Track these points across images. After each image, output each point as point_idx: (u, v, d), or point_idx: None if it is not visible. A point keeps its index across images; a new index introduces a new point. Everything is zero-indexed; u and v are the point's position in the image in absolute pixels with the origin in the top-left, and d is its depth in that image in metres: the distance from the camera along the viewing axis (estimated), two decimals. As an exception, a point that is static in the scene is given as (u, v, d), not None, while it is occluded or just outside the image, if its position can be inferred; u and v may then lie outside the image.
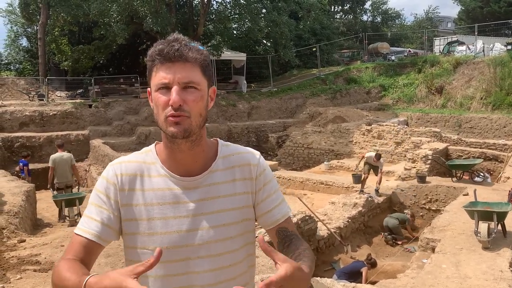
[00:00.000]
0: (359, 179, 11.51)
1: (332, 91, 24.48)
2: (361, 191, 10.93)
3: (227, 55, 24.96)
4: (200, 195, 1.35)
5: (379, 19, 45.34)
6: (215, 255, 1.33)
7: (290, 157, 17.32)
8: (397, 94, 24.26)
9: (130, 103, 20.32)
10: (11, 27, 35.65)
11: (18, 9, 29.13)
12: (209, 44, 23.68)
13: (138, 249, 1.33)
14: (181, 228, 1.32)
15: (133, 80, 23.24)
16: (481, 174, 12.15)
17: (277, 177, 13.09)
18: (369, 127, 16.73)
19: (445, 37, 31.05)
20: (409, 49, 34.43)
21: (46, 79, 21.25)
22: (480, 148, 14.83)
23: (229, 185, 1.39)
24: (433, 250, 7.29)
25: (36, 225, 8.15)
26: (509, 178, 11.30)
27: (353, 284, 5.50)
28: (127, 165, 1.37)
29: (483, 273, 5.92)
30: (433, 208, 10.90)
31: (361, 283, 6.88)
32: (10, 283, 4.54)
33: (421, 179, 11.40)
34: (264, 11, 23.92)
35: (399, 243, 9.87)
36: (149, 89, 1.37)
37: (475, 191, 8.24)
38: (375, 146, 15.92)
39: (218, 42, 23.48)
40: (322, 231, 8.82)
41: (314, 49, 28.07)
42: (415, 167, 12.60)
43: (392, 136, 15.90)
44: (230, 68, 27.73)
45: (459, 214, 8.32)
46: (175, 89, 1.25)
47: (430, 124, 20.07)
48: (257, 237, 1.19)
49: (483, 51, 23.90)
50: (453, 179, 11.69)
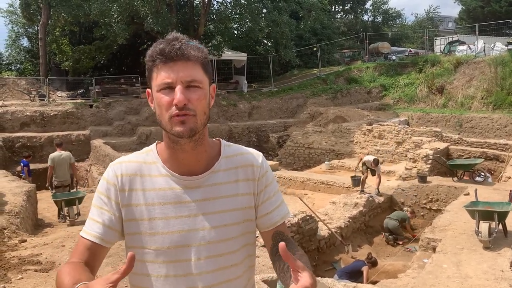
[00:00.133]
0: (358, 182, 11.49)
1: (333, 91, 24.48)
2: (362, 191, 10.94)
3: (228, 55, 24.97)
4: (202, 194, 1.34)
5: (379, 19, 45.31)
6: (216, 255, 1.33)
7: (291, 157, 17.32)
8: (398, 94, 24.25)
9: (131, 103, 20.33)
10: (12, 27, 35.76)
11: (19, 9, 29.17)
12: (210, 44, 23.67)
13: (139, 249, 1.32)
14: (183, 228, 1.31)
15: (134, 80, 23.24)
16: (482, 173, 12.14)
17: (278, 177, 13.09)
18: (370, 127, 16.73)
19: (446, 37, 31.02)
20: (410, 49, 34.41)
21: (47, 79, 21.28)
22: (481, 147, 14.81)
23: (231, 185, 1.38)
24: (434, 250, 7.29)
25: (37, 225, 8.15)
26: (510, 177, 11.27)
27: (354, 284, 5.50)
28: (127, 165, 1.36)
29: (484, 273, 5.91)
30: (434, 208, 10.89)
31: (362, 282, 6.88)
32: (11, 283, 4.55)
33: (422, 178, 11.39)
34: (264, 11, 23.91)
35: (400, 243, 9.87)
36: (148, 90, 1.35)
37: (476, 190, 8.24)
38: (376, 146, 15.91)
39: (218, 42, 23.49)
40: (323, 231, 8.82)
41: (314, 49, 28.07)
42: (416, 167, 12.60)
43: (393, 136, 15.88)
44: (230, 68, 27.74)
45: (460, 214, 8.31)
46: (179, 88, 1.23)
47: (431, 123, 20.05)
48: (280, 243, 1.09)
49: (484, 50, 23.86)
50: (454, 178, 11.67)
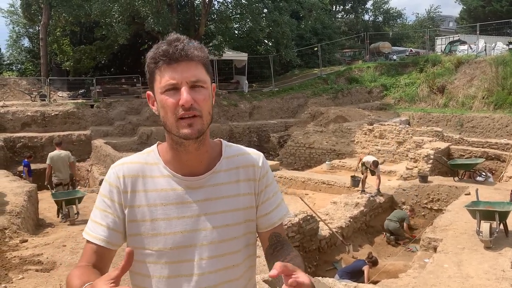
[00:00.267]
0: (357, 182, 11.47)
1: (333, 90, 24.47)
2: (363, 191, 10.94)
3: (229, 55, 24.98)
4: (204, 195, 1.34)
5: (380, 19, 45.26)
6: (218, 255, 1.33)
7: (291, 157, 17.31)
8: (398, 93, 24.24)
9: (131, 103, 20.34)
10: (13, 28, 35.85)
11: (20, 10, 29.21)
12: (211, 44, 23.68)
13: (141, 250, 1.32)
14: (185, 228, 1.31)
15: (135, 80, 23.27)
16: (483, 173, 12.13)
17: (278, 177, 13.08)
18: (370, 127, 16.72)
19: (447, 37, 31.01)
20: (411, 48, 34.41)
21: (48, 80, 21.32)
22: (482, 147, 14.80)
23: (233, 185, 1.38)
24: (435, 249, 7.28)
25: (38, 225, 8.15)
26: (511, 177, 11.26)
27: (355, 283, 5.50)
28: (129, 166, 1.36)
29: (485, 273, 5.91)
30: (435, 207, 10.88)
31: (363, 282, 6.88)
32: (12, 283, 4.56)
33: (423, 178, 11.38)
34: (265, 11, 23.91)
35: (401, 243, 9.86)
36: (149, 92, 1.34)
37: (477, 190, 8.22)
38: (377, 145, 15.91)
39: (219, 42, 23.48)
40: (324, 231, 8.82)
41: (315, 49, 28.06)
42: (417, 167, 12.59)
43: (394, 135, 15.88)
44: (231, 68, 27.75)
45: (461, 213, 8.30)
46: (185, 89, 1.23)
47: (432, 123, 20.04)
48: (276, 263, 1.06)
49: (485, 50, 23.83)
50: (455, 178, 11.65)
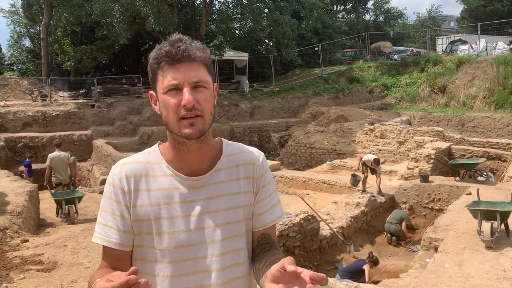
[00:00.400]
0: (357, 182, 11.40)
1: (334, 90, 24.46)
2: (364, 191, 10.94)
3: (229, 55, 24.97)
4: (206, 193, 1.35)
5: (381, 18, 45.22)
6: (221, 253, 1.33)
7: (292, 157, 17.31)
8: (399, 93, 24.22)
9: (132, 103, 20.35)
10: (14, 28, 35.89)
11: (21, 10, 29.22)
12: (211, 44, 23.68)
13: (145, 249, 1.33)
14: (188, 227, 1.32)
15: (136, 80, 23.27)
16: (484, 173, 12.11)
17: (279, 177, 13.08)
18: (371, 127, 16.71)
19: (448, 36, 30.99)
20: (412, 48, 34.38)
21: (48, 80, 21.34)
22: (483, 147, 14.78)
23: (234, 183, 1.38)
24: (436, 249, 7.27)
25: (39, 225, 8.15)
26: (512, 177, 11.27)
27: (356, 283, 5.49)
28: (131, 166, 1.36)
29: (486, 273, 5.91)
30: (436, 207, 10.87)
31: (364, 282, 6.87)
32: (13, 282, 4.56)
33: (424, 178, 11.37)
34: (266, 10, 23.92)
35: (402, 243, 9.86)
36: (152, 92, 1.35)
37: (478, 190, 8.21)
38: (378, 145, 15.89)
39: (220, 42, 23.49)
40: (324, 230, 8.82)
41: (316, 49, 28.05)
42: (418, 167, 12.58)
43: (394, 135, 15.86)
44: (232, 68, 27.75)
45: (462, 213, 8.30)
46: (187, 89, 1.24)
47: (433, 123, 20.02)
48: (288, 266, 1.00)
49: (486, 50, 23.81)
50: (456, 178, 11.65)
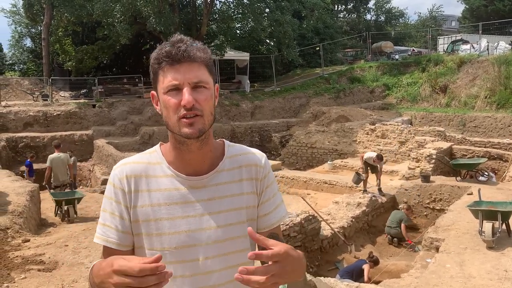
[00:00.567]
0: (360, 181, 11.35)
1: (335, 90, 24.45)
2: (365, 191, 10.93)
3: (230, 54, 24.97)
4: (207, 194, 1.34)
5: (382, 18, 45.22)
6: (223, 254, 1.33)
7: (293, 157, 17.30)
8: (401, 93, 24.20)
9: (133, 103, 20.37)
10: (15, 28, 35.97)
11: (22, 10, 29.27)
12: (212, 44, 23.70)
13: (146, 250, 1.32)
14: (189, 228, 1.31)
15: (137, 80, 23.29)
16: (486, 173, 12.08)
17: (280, 177, 13.08)
18: (373, 127, 16.69)
19: (449, 36, 30.99)
20: (413, 48, 34.37)
21: (50, 80, 21.36)
22: (484, 147, 14.75)
23: (236, 184, 1.38)
24: (437, 249, 7.26)
25: (40, 225, 8.16)
26: (513, 177, 11.25)
27: (357, 283, 5.49)
28: (131, 166, 1.36)
29: (488, 273, 5.90)
30: (437, 207, 10.85)
31: (364, 282, 6.87)
32: (14, 282, 4.57)
33: (425, 178, 11.35)
34: (267, 10, 23.89)
35: (403, 244, 9.84)
36: (153, 92, 1.35)
37: (479, 190, 8.20)
38: (379, 145, 15.88)
39: (221, 42, 23.50)
40: (325, 230, 8.81)
41: (317, 49, 28.03)
42: (419, 167, 12.56)
43: (396, 135, 15.85)
44: (233, 67, 27.74)
45: (463, 213, 8.29)
46: (186, 89, 1.24)
47: (434, 123, 20.00)
48: (248, 227, 1.13)
49: (488, 49, 23.79)
50: (457, 178, 11.63)
